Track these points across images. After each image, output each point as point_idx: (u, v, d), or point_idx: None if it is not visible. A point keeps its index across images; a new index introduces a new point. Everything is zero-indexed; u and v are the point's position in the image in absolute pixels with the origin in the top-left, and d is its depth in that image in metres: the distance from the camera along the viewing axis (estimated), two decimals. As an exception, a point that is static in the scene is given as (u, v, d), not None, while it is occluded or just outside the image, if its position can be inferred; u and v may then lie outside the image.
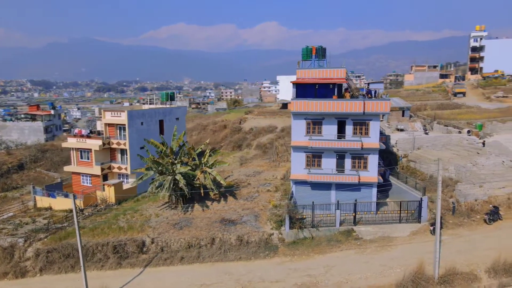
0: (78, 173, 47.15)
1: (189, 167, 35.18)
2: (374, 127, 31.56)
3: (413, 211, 30.75)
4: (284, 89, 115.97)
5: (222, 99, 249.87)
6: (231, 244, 30.35)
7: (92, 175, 46.00)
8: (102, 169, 45.06)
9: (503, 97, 73.58)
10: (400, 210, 30.71)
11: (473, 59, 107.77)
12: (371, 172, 32.12)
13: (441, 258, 25.16)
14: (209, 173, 36.15)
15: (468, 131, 47.26)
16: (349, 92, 33.25)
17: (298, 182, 33.46)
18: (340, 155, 32.56)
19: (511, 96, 74.47)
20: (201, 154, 41.30)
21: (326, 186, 33.02)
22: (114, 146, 45.63)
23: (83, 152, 46.14)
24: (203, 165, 36.63)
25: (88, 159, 45.93)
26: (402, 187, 34.22)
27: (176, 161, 35.62)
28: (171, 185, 34.36)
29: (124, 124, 44.76)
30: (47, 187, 46.58)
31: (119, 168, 45.77)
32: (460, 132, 47.48)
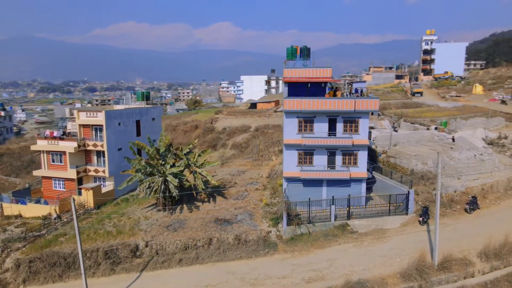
0: (49, 178, 44.44)
1: (180, 168, 34.47)
2: (363, 124, 32.84)
3: (401, 204, 32.38)
4: (248, 89, 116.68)
5: (180, 99, 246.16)
6: (229, 243, 30.17)
7: (66, 179, 43.56)
8: (78, 173, 42.82)
9: (457, 96, 79.23)
10: (390, 203, 32.21)
11: (425, 61, 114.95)
12: (361, 168, 33.38)
13: (441, 246, 26.87)
14: (199, 173, 35.66)
15: (436, 128, 50.50)
16: (341, 91, 34.31)
17: (291, 180, 33.96)
18: (331, 152, 33.52)
19: (463, 95, 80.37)
20: (187, 154, 40.57)
21: (317, 182, 33.80)
22: (90, 148, 43.54)
23: (55, 155, 43.57)
24: (193, 165, 36.05)
25: (61, 162, 43.43)
26: (386, 181, 35.85)
27: (165, 162, 34.74)
28: (162, 187, 33.46)
29: (101, 125, 42.87)
30: (14, 193, 43.51)
31: (96, 171, 43.74)
32: (428, 129, 50.59)
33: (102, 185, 43.08)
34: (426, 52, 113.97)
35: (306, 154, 33.74)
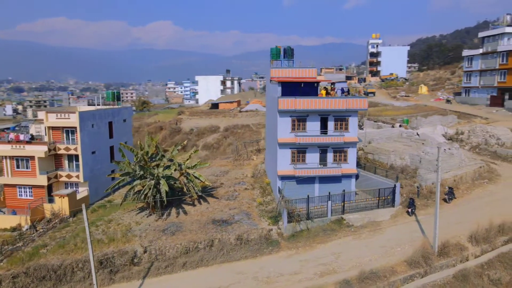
0: (13, 185, 40.77)
1: (172, 170, 33.48)
2: (353, 122, 34.38)
3: (388, 197, 34.38)
4: (204, 89, 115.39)
5: (123, 100, 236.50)
6: (231, 244, 29.97)
7: (34, 187, 40.23)
8: (49, 179, 39.73)
9: (406, 96, 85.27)
10: (379, 197, 34.05)
11: (371, 63, 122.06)
12: (351, 164, 34.92)
13: (428, 234, 29.01)
14: (193, 175, 34.89)
15: (400, 125, 54.07)
16: (334, 90, 35.55)
17: (284, 178, 34.53)
18: (323, 150, 34.64)
19: (411, 95, 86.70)
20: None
21: (310, 179, 34.74)
22: (62, 152, 40.63)
23: (21, 160, 40.09)
24: (186, 166, 35.18)
25: (28, 168, 40.07)
26: (370, 176, 37.81)
27: (157, 165, 33.54)
28: (154, 190, 32.25)
29: (73, 127, 40.28)
30: (-28, 204, 39.38)
31: (69, 176, 40.92)
32: (393, 127, 54.02)
33: (76, 191, 40.41)
34: (373, 54, 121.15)
35: (299, 152, 34.53)
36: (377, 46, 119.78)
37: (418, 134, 47.81)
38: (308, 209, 32.01)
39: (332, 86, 39.89)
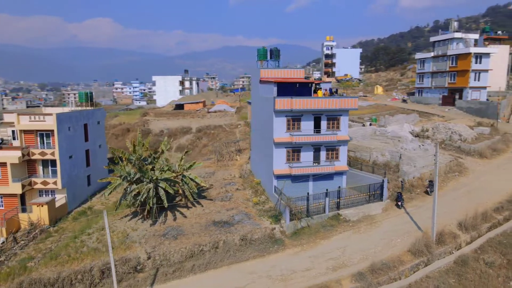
0: (-20, 195, 37.08)
1: (172, 174, 32.51)
2: (344, 121, 35.72)
3: (377, 192, 36.18)
4: (162, 90, 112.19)
5: (66, 101, 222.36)
6: (236, 244, 29.85)
7: (5, 195, 36.94)
8: (23, 186, 36.67)
9: (364, 96, 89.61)
10: (369, 192, 35.71)
11: (327, 64, 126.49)
12: (342, 162, 36.25)
13: (421, 225, 31.05)
14: (188, 177, 34.13)
15: (370, 124, 56.86)
16: (327, 91, 36.57)
17: (280, 177, 35.00)
18: (316, 148, 35.59)
19: (369, 95, 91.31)
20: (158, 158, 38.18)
21: (304, 178, 35.53)
22: (36, 157, 37.69)
23: (-10, 167, 36.55)
24: (181, 168, 34.30)
25: (-2, 175, 36.63)
26: (357, 173, 39.45)
27: (154, 168, 32.38)
28: (153, 194, 31.13)
29: (49, 130, 37.58)
30: None
31: (45, 183, 38.06)
32: (364, 125, 56.68)
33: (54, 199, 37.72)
34: (328, 56, 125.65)
35: (294, 151, 35.18)
36: (331, 48, 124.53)
37: (389, 132, 50.65)
38: (308, 206, 32.74)
39: (318, 86, 41.06)
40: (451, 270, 25.98)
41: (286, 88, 35.31)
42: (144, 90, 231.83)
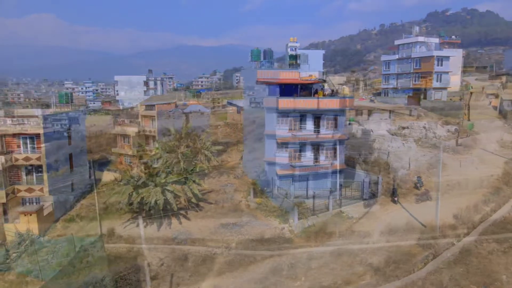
0: (-45, 206, 33.74)
1: (180, 177, 31.62)
2: (341, 121, 36.75)
3: (374, 189, 37.57)
4: (125, 90, 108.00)
5: (9, 102, 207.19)
6: (248, 245, 29.72)
7: (-15, 205, 33.90)
8: (7, 195, 33.89)
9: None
10: (366, 189, 36.98)
11: (291, 65, 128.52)
12: (340, 160, 37.25)
13: (420, 218, 32.73)
14: (191, 179, 33.36)
15: (349, 123, 58.77)
16: (323, 91, 37.33)
17: (282, 176, 35.30)
18: (316, 147, 36.31)
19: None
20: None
21: (304, 176, 36.12)
22: (20, 162, 34.98)
23: (-33, 175, 33.39)
24: (186, 171, 33.43)
25: (-24, 183, 33.54)
26: (350, 170, 40.71)
27: (160, 172, 31.32)
28: (162, 198, 30.12)
29: (34, 134, 35.03)
30: None
31: (30, 190, 35.43)
32: (350, 124, 58.42)
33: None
34: (292, 57, 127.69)
35: (296, 150, 35.61)
36: (295, 49, 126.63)
37: (372, 131, 52.77)
38: (313, 205, 33.30)
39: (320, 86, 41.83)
40: (458, 259, 27.67)
41: (282, 89, 35.68)
42: (97, 90, 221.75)
